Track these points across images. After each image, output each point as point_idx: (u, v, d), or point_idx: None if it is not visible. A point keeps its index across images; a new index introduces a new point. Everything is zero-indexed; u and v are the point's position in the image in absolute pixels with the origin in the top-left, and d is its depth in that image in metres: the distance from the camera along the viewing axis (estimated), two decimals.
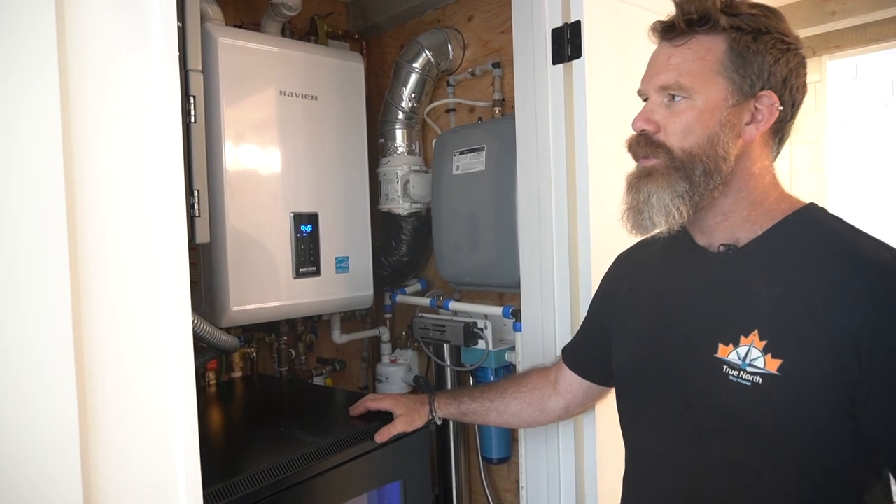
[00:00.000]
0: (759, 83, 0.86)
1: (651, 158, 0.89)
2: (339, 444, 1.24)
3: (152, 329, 0.76)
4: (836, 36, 3.06)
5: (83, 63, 0.70)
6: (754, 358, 0.82)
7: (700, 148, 0.86)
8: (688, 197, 0.87)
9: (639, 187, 0.89)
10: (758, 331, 0.82)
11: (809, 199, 0.91)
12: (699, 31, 0.86)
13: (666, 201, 0.87)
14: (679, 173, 0.87)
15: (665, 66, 0.88)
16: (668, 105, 0.88)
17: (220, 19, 1.62)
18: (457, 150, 1.79)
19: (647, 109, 0.90)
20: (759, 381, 0.81)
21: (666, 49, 0.89)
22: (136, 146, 0.75)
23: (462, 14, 1.93)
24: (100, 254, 0.71)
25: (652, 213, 0.88)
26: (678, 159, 0.87)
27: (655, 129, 0.89)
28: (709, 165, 0.86)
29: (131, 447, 0.74)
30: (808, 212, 0.89)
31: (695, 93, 0.86)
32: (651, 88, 0.90)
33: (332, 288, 1.78)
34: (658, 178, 0.87)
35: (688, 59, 0.86)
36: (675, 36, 0.88)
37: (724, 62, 0.85)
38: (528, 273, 1.53)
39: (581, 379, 1.21)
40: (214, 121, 1.55)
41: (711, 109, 0.86)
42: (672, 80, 0.86)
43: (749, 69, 0.85)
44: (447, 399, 1.33)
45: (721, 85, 0.85)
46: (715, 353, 0.86)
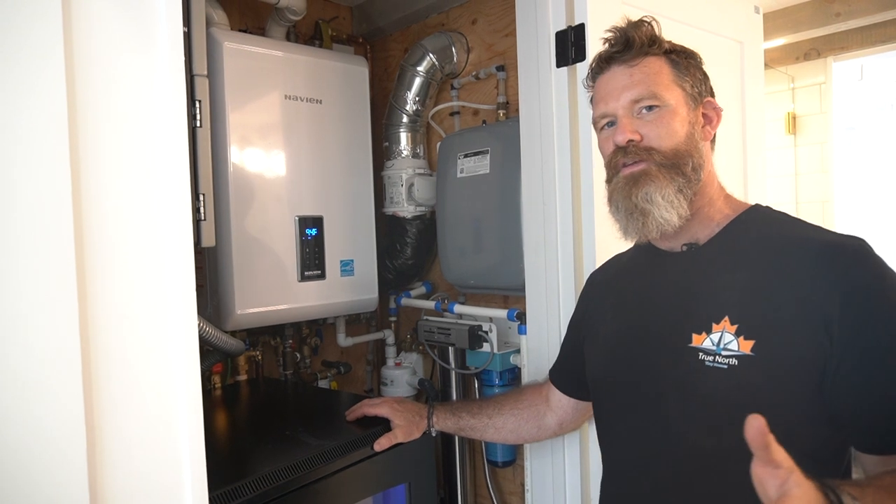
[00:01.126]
0: (701, 91, 0.98)
1: (640, 163, 0.93)
2: (345, 448, 1.24)
3: (158, 332, 0.76)
4: (841, 37, 3.05)
5: (89, 67, 0.71)
6: (728, 342, 0.86)
7: (684, 145, 0.93)
8: (685, 191, 0.92)
9: (635, 191, 0.92)
10: (728, 316, 0.87)
11: (816, 200, 0.94)
12: (649, 53, 0.95)
13: (671, 196, 0.91)
14: (673, 170, 0.92)
15: (631, 83, 0.94)
16: (640, 117, 0.94)
17: (226, 24, 1.63)
18: (461, 153, 1.80)
19: (624, 124, 0.94)
20: (734, 363, 0.85)
21: (623, 70, 0.96)
22: (142, 150, 0.75)
23: (466, 17, 1.93)
24: (106, 258, 0.72)
25: (661, 211, 0.91)
26: (669, 157, 0.92)
27: (640, 138, 0.94)
28: (695, 161, 0.94)
29: (137, 450, 0.74)
30: (757, 210, 0.98)
31: (667, 99, 0.94)
32: (620, 106, 0.95)
33: (336, 291, 1.79)
34: (655, 177, 0.92)
35: (649, 74, 0.94)
36: (631, 58, 0.95)
37: (673, 75, 0.96)
38: (533, 276, 1.53)
39: (569, 397, 1.24)
40: (220, 125, 1.55)
41: (682, 113, 0.94)
42: (645, 90, 0.93)
43: (692, 80, 0.97)
44: (446, 413, 1.34)
45: (679, 93, 0.95)
46: (689, 344, 0.90)
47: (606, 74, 0.98)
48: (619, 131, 0.94)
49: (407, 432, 1.31)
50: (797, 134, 3.38)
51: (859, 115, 3.89)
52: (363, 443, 1.27)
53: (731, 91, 1.76)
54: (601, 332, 1.08)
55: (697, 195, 0.94)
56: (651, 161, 0.92)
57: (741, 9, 1.80)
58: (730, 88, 1.76)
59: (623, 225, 0.96)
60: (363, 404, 1.38)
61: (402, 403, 1.36)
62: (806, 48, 3.22)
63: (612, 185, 0.97)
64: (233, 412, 1.62)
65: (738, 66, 1.78)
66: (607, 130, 0.98)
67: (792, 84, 3.37)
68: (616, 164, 0.96)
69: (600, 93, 0.99)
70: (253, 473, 1.09)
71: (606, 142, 0.98)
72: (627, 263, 1.12)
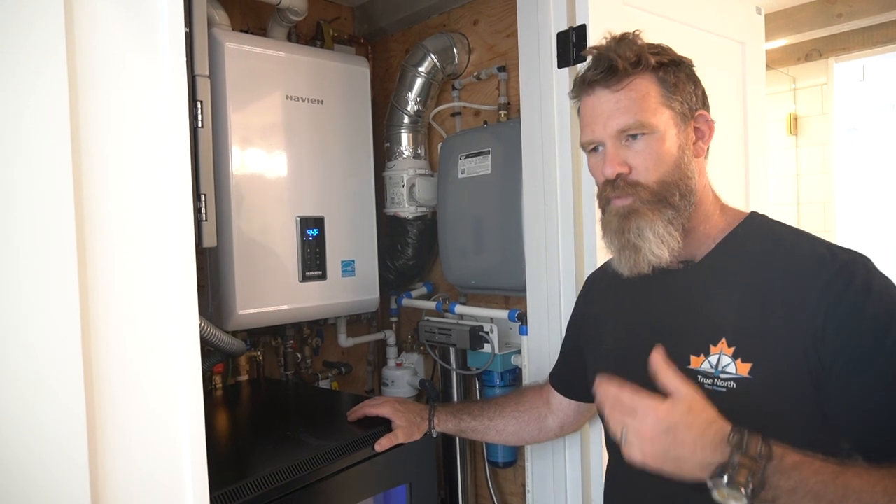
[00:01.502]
0: (692, 105, 0.94)
1: (627, 197, 0.92)
2: (346, 448, 1.24)
3: (159, 332, 0.76)
4: (842, 38, 3.05)
5: (91, 68, 0.71)
6: (725, 364, 0.86)
7: (671, 175, 0.91)
8: (676, 222, 0.91)
9: (627, 227, 0.92)
10: (725, 339, 0.87)
11: (818, 201, 0.93)
12: (635, 73, 0.91)
13: (660, 231, 0.90)
14: (661, 204, 0.91)
15: (616, 111, 0.91)
16: (628, 146, 0.92)
17: (227, 24, 1.63)
18: (462, 153, 1.80)
19: (611, 155, 0.92)
20: (733, 386, 0.85)
21: (608, 95, 0.92)
22: (144, 151, 0.75)
23: (467, 18, 1.94)
24: (107, 258, 0.72)
25: (651, 247, 0.91)
26: (655, 193, 0.91)
27: (628, 170, 0.92)
28: (682, 188, 0.92)
29: (138, 450, 0.74)
30: (753, 221, 0.96)
31: (655, 125, 0.91)
32: (607, 135, 0.92)
33: (337, 291, 1.79)
34: (644, 212, 0.91)
35: (635, 99, 0.90)
36: (616, 82, 0.91)
37: (661, 95, 0.92)
38: (534, 277, 1.52)
39: (570, 400, 1.24)
40: (221, 125, 1.55)
41: (669, 138, 0.92)
42: (632, 120, 0.90)
43: (682, 97, 0.93)
44: (447, 415, 1.34)
45: (667, 115, 0.92)
46: (687, 365, 0.89)
47: (591, 98, 0.94)
48: (607, 163, 0.92)
49: (408, 433, 1.31)
50: (798, 135, 3.38)
51: (861, 116, 3.89)
52: (364, 443, 1.27)
53: (733, 92, 1.76)
54: (603, 341, 1.08)
55: (692, 216, 0.94)
56: (637, 197, 0.91)
57: (743, 9, 1.80)
58: (731, 89, 1.76)
59: (616, 259, 0.96)
60: (364, 405, 1.38)
61: (403, 404, 1.36)
62: (807, 49, 3.22)
63: (605, 218, 0.96)
64: (234, 412, 1.62)
65: (739, 67, 1.78)
66: (596, 155, 0.97)
67: (793, 85, 3.37)
68: (606, 195, 0.95)
69: (586, 118, 0.96)
70: (254, 474, 1.09)
71: (596, 168, 0.97)
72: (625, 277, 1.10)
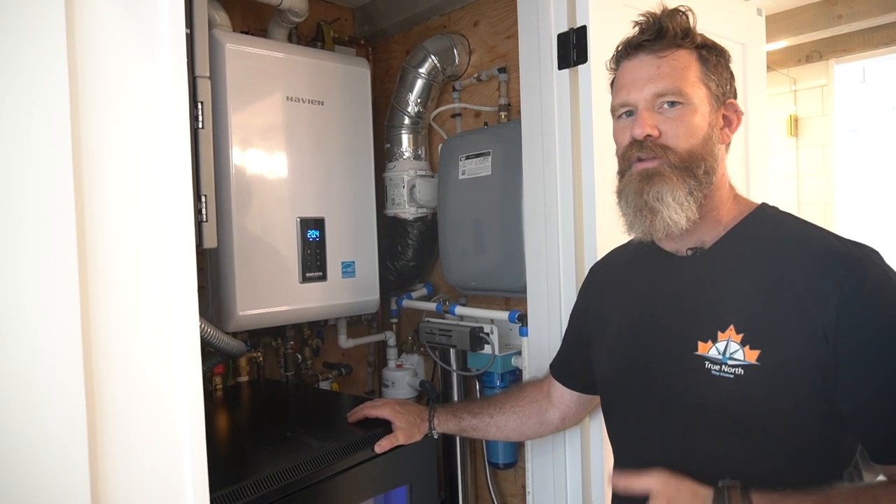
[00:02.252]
0: (725, 91, 0.95)
1: (654, 160, 0.91)
2: (346, 449, 1.24)
3: (160, 333, 0.76)
4: (843, 40, 3.05)
5: (92, 69, 0.71)
6: (734, 351, 0.86)
7: (700, 148, 0.91)
8: (696, 193, 0.91)
9: (647, 189, 0.90)
10: (733, 325, 0.87)
11: (818, 202, 0.94)
12: (680, 46, 0.92)
13: (681, 198, 0.89)
14: (686, 172, 0.90)
15: (657, 75, 0.91)
16: (662, 112, 0.91)
17: (228, 26, 1.63)
18: (463, 154, 1.80)
19: (643, 118, 0.91)
20: (741, 373, 0.85)
21: (651, 60, 0.92)
22: (145, 152, 0.76)
23: (468, 19, 1.94)
24: (108, 259, 0.72)
25: (670, 212, 0.90)
26: (683, 159, 0.90)
27: (658, 134, 0.91)
28: (708, 164, 0.91)
29: (139, 451, 0.74)
30: (763, 211, 0.97)
31: (691, 97, 0.91)
32: (642, 98, 0.92)
33: (338, 292, 1.79)
34: (669, 176, 0.90)
35: (677, 69, 0.91)
36: (661, 48, 0.92)
37: (702, 72, 0.93)
38: (534, 278, 1.52)
39: (571, 391, 1.24)
40: (222, 126, 1.56)
41: (704, 113, 0.92)
42: (671, 85, 0.90)
43: (717, 79, 0.94)
44: (447, 415, 1.34)
45: (704, 92, 0.92)
46: (695, 351, 0.90)
47: (633, 62, 0.94)
48: (637, 124, 0.91)
49: (408, 434, 1.31)
50: (799, 136, 3.38)
51: (861, 117, 3.89)
52: (364, 445, 1.27)
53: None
54: (607, 332, 1.07)
55: (708, 198, 0.93)
56: (665, 160, 0.90)
57: (743, 11, 1.80)
58: None
59: (629, 220, 0.94)
60: (365, 406, 1.38)
61: (403, 405, 1.36)
62: (808, 50, 3.22)
63: (624, 179, 0.95)
64: (234, 413, 1.62)
65: (740, 68, 1.78)
66: (625, 120, 0.95)
67: (794, 86, 3.37)
68: (630, 156, 0.93)
69: (623, 80, 0.95)
70: (254, 475, 1.09)
71: (623, 132, 0.95)
72: (632, 261, 1.09)
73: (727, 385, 0.85)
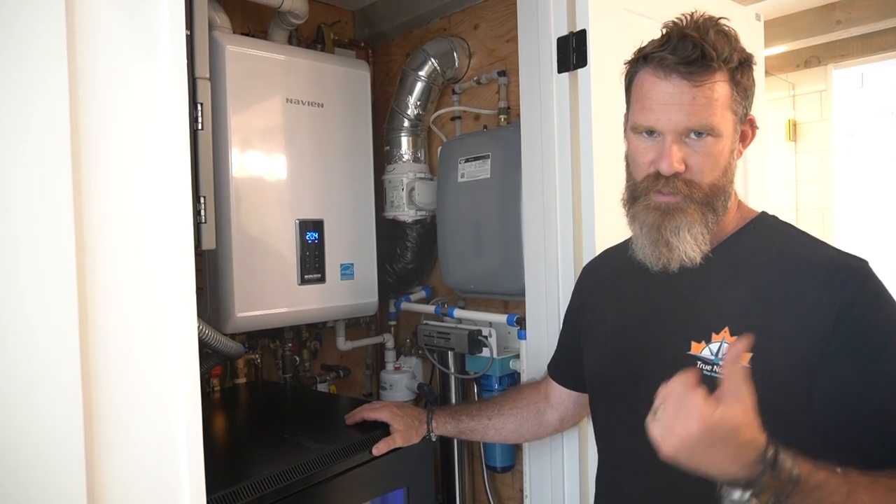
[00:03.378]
0: (748, 109, 0.92)
1: (677, 195, 0.89)
2: (343, 452, 1.24)
3: (158, 335, 0.76)
4: (841, 45, 3.06)
5: (92, 70, 0.71)
6: (726, 352, 0.86)
7: (721, 179, 0.91)
8: (712, 225, 0.91)
9: (666, 224, 0.89)
10: (728, 327, 0.88)
11: (816, 207, 0.94)
12: (720, 71, 0.86)
13: (697, 234, 0.90)
14: (706, 206, 0.90)
15: (692, 109, 0.86)
16: (688, 143, 0.88)
17: (228, 27, 1.63)
18: (462, 157, 1.80)
19: (672, 152, 0.87)
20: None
21: (685, 87, 0.86)
22: (144, 153, 0.76)
23: (468, 23, 1.94)
24: (106, 259, 0.72)
25: (686, 248, 0.90)
26: (707, 195, 0.89)
27: (684, 169, 0.88)
28: (726, 193, 0.92)
29: (136, 452, 0.74)
30: (763, 220, 0.98)
31: (720, 130, 0.87)
32: (672, 128, 0.87)
33: (336, 295, 1.79)
34: (690, 212, 0.89)
35: (712, 99, 0.86)
36: (700, 75, 0.85)
37: (730, 97, 0.88)
38: (533, 281, 1.53)
39: (569, 390, 1.24)
40: (221, 128, 1.56)
41: (729, 142, 0.90)
42: (704, 122, 0.86)
43: (743, 99, 0.90)
44: (445, 417, 1.33)
45: (731, 119, 0.89)
46: (688, 351, 0.90)
47: (664, 83, 0.87)
48: (665, 158, 0.87)
49: (406, 437, 1.31)
50: (797, 141, 3.39)
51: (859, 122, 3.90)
52: (362, 447, 1.27)
53: None
54: (600, 329, 1.08)
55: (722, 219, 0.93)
56: (689, 197, 0.89)
57: (742, 16, 1.81)
58: None
59: (644, 250, 0.94)
60: (363, 409, 1.38)
61: (401, 408, 1.36)
62: (806, 56, 3.23)
63: (638, 205, 0.93)
64: (232, 415, 1.62)
65: None
66: (647, 140, 0.91)
67: (792, 91, 3.38)
68: (647, 187, 0.91)
69: (651, 100, 0.89)
70: (251, 477, 1.09)
71: (643, 153, 0.91)
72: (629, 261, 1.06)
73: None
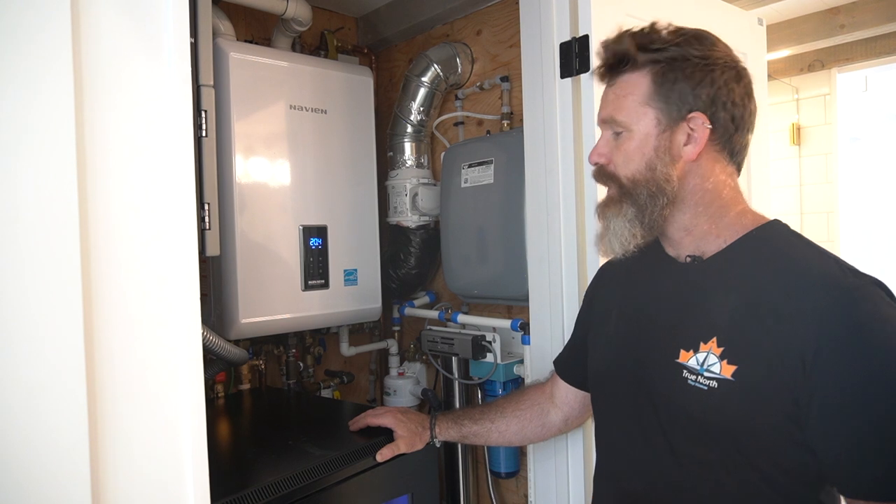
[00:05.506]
0: (686, 106, 0.90)
1: (607, 186, 0.98)
2: (348, 458, 1.23)
3: (162, 341, 0.76)
4: (845, 49, 3.06)
5: (97, 78, 0.71)
6: (711, 364, 0.87)
7: (641, 174, 0.93)
8: (638, 220, 0.94)
9: (603, 215, 0.98)
10: (716, 338, 0.87)
11: (821, 211, 0.93)
12: (623, 71, 0.94)
13: (620, 226, 0.94)
14: (628, 200, 0.94)
15: (604, 104, 0.97)
16: (614, 139, 0.96)
17: (232, 35, 1.64)
18: (465, 163, 1.80)
19: (598, 144, 0.98)
20: (714, 386, 0.85)
21: (606, 89, 0.98)
22: (149, 160, 0.76)
23: (471, 28, 1.95)
24: (111, 265, 0.72)
25: (612, 239, 0.96)
26: (625, 187, 0.94)
27: (607, 161, 0.97)
28: (651, 188, 0.92)
29: (140, 459, 0.74)
30: (771, 227, 0.94)
31: (629, 125, 0.93)
32: (600, 122, 0.98)
33: (340, 300, 1.79)
34: (614, 205, 0.96)
35: (619, 96, 0.94)
36: (610, 76, 0.97)
37: (650, 94, 0.91)
38: (537, 286, 1.52)
39: (576, 389, 1.24)
40: (225, 134, 1.56)
41: (645, 138, 0.92)
42: (608, 115, 0.95)
43: (672, 96, 0.91)
44: (448, 423, 1.33)
45: (650, 115, 0.92)
46: (676, 359, 0.91)
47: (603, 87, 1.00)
48: (592, 150, 0.98)
49: (410, 443, 1.31)
50: (802, 145, 3.38)
51: (864, 125, 3.89)
52: (366, 453, 1.26)
53: None
54: (606, 326, 1.08)
55: (686, 213, 0.93)
56: (613, 187, 0.96)
57: (745, 20, 1.81)
58: None
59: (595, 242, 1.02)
60: (366, 415, 1.38)
61: (405, 414, 1.36)
62: (810, 59, 3.23)
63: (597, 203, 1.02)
64: (236, 421, 1.62)
65: None
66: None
67: (796, 95, 3.38)
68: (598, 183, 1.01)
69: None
70: (256, 483, 1.09)
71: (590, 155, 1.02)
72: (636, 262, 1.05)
73: (700, 396, 0.86)
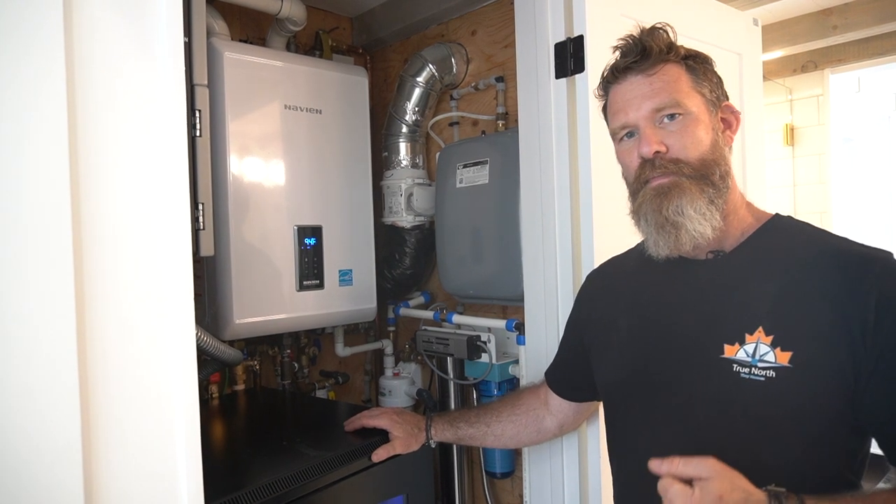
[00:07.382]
0: (718, 96, 0.96)
1: (668, 175, 0.90)
2: (342, 459, 1.23)
3: (156, 341, 0.76)
4: (838, 50, 3.08)
5: (90, 77, 0.71)
6: (763, 353, 0.84)
7: (710, 154, 0.91)
8: (717, 201, 0.90)
9: (666, 204, 0.89)
10: (762, 327, 0.85)
11: (814, 211, 0.94)
12: (666, 60, 0.93)
13: (703, 209, 0.89)
14: (703, 181, 0.90)
15: (651, 92, 0.92)
16: (663, 127, 0.92)
17: (226, 34, 1.64)
18: (460, 163, 1.80)
19: (647, 136, 0.91)
20: (772, 375, 0.83)
21: (641, 80, 0.93)
22: (142, 160, 0.76)
23: (466, 28, 1.95)
24: (104, 266, 0.72)
25: (694, 224, 0.89)
26: (698, 169, 0.90)
27: (665, 149, 0.91)
28: (721, 169, 0.91)
29: (134, 460, 0.74)
30: (781, 220, 0.96)
31: (689, 107, 0.91)
32: (641, 116, 0.92)
33: (335, 301, 1.78)
34: (687, 187, 0.89)
35: (669, 82, 0.92)
36: (649, 66, 0.93)
37: (691, 81, 0.93)
38: (532, 286, 1.52)
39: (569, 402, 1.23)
40: (219, 134, 1.56)
41: (705, 119, 0.92)
42: (667, 99, 0.91)
43: (710, 85, 0.95)
44: (444, 424, 1.33)
45: (700, 100, 0.93)
46: (721, 355, 0.87)
47: (623, 84, 0.95)
48: (643, 143, 0.91)
49: (405, 444, 1.30)
50: (795, 145, 3.40)
51: (857, 126, 3.91)
52: (361, 454, 1.26)
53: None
54: (614, 338, 1.05)
55: (727, 203, 0.92)
56: (680, 173, 0.90)
57: (740, 21, 1.82)
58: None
59: (653, 239, 0.93)
60: (362, 415, 1.37)
61: (401, 415, 1.35)
62: (803, 60, 3.24)
63: (639, 198, 0.93)
64: (230, 422, 1.61)
65: (736, 78, 1.79)
66: (627, 141, 0.96)
67: (790, 96, 3.39)
68: (643, 177, 0.93)
69: (618, 103, 0.95)
70: (250, 484, 1.09)
71: (629, 153, 0.95)
72: (640, 267, 1.05)
73: (757, 388, 0.83)
